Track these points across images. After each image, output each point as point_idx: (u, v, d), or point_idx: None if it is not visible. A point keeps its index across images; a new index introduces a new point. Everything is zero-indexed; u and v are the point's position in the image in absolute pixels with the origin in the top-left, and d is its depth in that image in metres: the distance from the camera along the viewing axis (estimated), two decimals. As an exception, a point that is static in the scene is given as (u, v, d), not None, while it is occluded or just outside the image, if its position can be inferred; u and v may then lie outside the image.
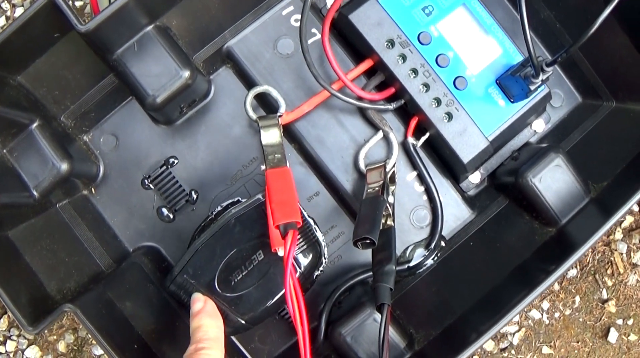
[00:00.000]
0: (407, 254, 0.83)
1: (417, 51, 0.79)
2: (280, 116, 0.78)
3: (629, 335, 1.14)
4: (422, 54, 0.79)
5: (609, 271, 1.14)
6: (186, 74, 0.74)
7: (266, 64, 0.82)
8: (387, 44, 0.79)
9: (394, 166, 0.82)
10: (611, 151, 0.84)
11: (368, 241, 0.72)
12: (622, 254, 1.16)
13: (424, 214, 0.83)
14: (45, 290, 0.74)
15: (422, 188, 0.83)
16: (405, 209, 0.83)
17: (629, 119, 0.85)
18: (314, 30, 0.82)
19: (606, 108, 0.87)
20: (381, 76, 0.81)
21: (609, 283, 1.13)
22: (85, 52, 0.74)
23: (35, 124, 0.74)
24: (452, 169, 0.84)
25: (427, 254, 0.82)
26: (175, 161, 0.82)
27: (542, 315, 1.13)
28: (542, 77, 0.78)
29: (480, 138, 0.79)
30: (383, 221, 0.79)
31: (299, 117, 0.80)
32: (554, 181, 0.79)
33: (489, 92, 0.80)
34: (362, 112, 0.83)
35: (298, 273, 0.81)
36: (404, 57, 0.78)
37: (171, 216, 0.82)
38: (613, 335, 1.10)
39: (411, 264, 0.82)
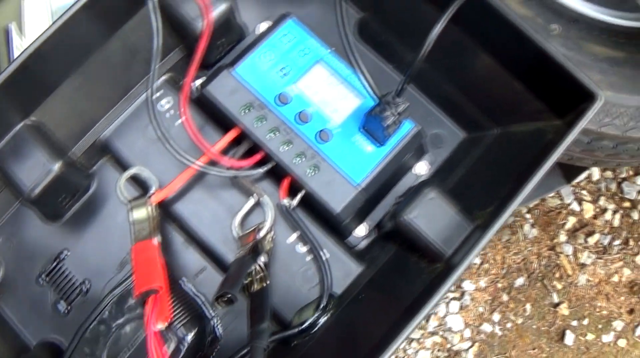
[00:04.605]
0: (301, 316, 0.82)
1: (275, 112, 0.82)
2: (151, 195, 0.83)
3: (586, 335, 1.10)
4: (281, 113, 0.82)
5: (557, 275, 1.13)
6: (56, 166, 0.81)
7: (141, 148, 0.86)
8: (244, 110, 0.82)
9: (270, 228, 0.83)
10: (497, 176, 0.84)
11: (229, 296, 0.74)
12: (568, 256, 1.15)
13: (311, 274, 0.83)
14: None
15: (305, 249, 0.84)
16: (292, 272, 0.84)
17: (513, 143, 0.85)
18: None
19: (490, 137, 0.87)
20: (248, 142, 0.83)
21: (559, 286, 1.11)
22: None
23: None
24: (333, 224, 0.84)
25: (319, 314, 0.81)
26: (67, 254, 0.86)
27: (493, 327, 1.11)
28: (391, 110, 0.78)
29: (348, 186, 0.80)
30: (256, 283, 0.80)
31: (171, 193, 0.83)
32: (431, 215, 0.79)
33: (355, 140, 0.82)
34: (236, 181, 0.85)
35: (184, 349, 0.87)
36: (262, 120, 0.82)
37: (67, 309, 0.85)
38: (569, 337, 1.09)
39: (304, 326, 0.81)
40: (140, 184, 0.87)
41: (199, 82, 0.88)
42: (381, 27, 0.90)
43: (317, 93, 0.85)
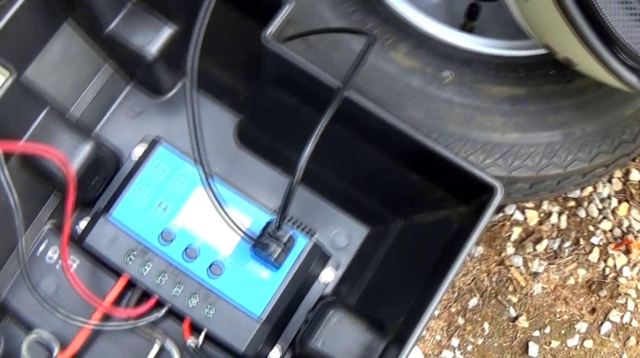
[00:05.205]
0: None
1: (160, 254, 0.78)
2: (54, 360, 0.78)
3: (550, 343, 1.08)
4: (166, 254, 0.78)
5: (510, 289, 1.09)
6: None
7: (37, 307, 0.80)
8: (127, 258, 0.78)
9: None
10: (407, 278, 0.80)
11: None
12: (519, 267, 1.11)
13: (234, 408, 0.78)
14: None
15: (219, 387, 0.78)
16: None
17: (419, 235, 0.82)
18: (74, 257, 0.84)
19: (395, 230, 0.83)
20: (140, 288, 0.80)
21: (514, 299, 1.08)
22: None
23: None
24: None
25: None
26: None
27: (454, 352, 1.09)
28: (275, 243, 0.74)
29: (249, 321, 0.77)
30: None
31: (74, 352, 0.80)
32: (339, 340, 0.75)
33: (248, 268, 0.78)
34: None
35: None
36: (147, 264, 0.78)
37: None
38: (533, 349, 1.08)
39: None
40: (46, 346, 0.84)
41: (83, 224, 0.84)
42: (260, 131, 0.84)
43: (201, 223, 0.80)
